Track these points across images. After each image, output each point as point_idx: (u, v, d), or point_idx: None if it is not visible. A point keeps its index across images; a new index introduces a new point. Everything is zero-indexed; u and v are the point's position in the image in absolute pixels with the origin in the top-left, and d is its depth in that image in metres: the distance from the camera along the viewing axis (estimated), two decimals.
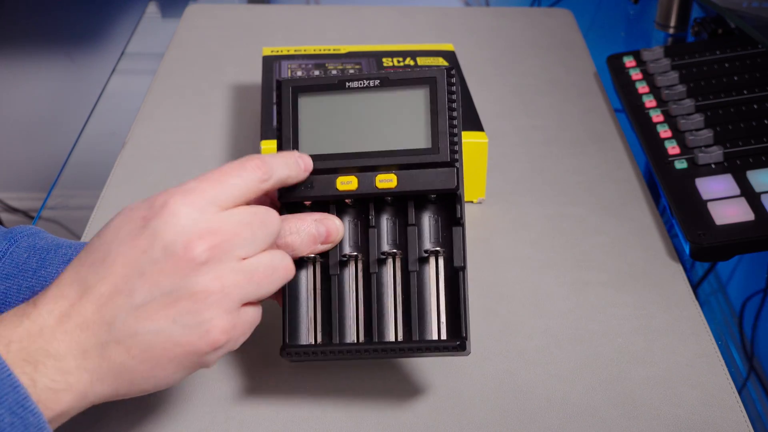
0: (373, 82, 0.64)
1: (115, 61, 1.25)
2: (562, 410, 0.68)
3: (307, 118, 0.65)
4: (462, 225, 0.64)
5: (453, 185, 0.63)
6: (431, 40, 1.20)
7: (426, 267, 0.64)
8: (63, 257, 0.69)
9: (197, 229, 0.55)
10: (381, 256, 0.64)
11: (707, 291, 0.92)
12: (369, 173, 0.63)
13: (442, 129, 0.63)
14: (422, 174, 0.63)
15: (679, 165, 0.91)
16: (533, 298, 0.79)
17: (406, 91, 0.64)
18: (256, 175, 0.58)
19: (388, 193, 0.63)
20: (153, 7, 1.44)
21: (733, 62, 1.04)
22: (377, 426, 0.66)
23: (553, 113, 1.06)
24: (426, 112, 0.63)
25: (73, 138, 1.08)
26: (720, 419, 0.67)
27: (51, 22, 1.97)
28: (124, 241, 0.55)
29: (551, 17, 1.30)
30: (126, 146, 0.99)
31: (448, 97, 0.63)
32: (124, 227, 0.56)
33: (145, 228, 0.55)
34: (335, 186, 0.63)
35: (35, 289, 0.67)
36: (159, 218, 0.55)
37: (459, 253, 0.63)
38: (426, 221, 0.65)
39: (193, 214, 0.55)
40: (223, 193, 0.57)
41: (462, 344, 0.61)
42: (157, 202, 0.56)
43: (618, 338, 0.74)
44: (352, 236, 0.65)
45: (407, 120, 0.63)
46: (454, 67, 0.64)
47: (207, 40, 1.23)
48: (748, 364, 0.84)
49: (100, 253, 0.55)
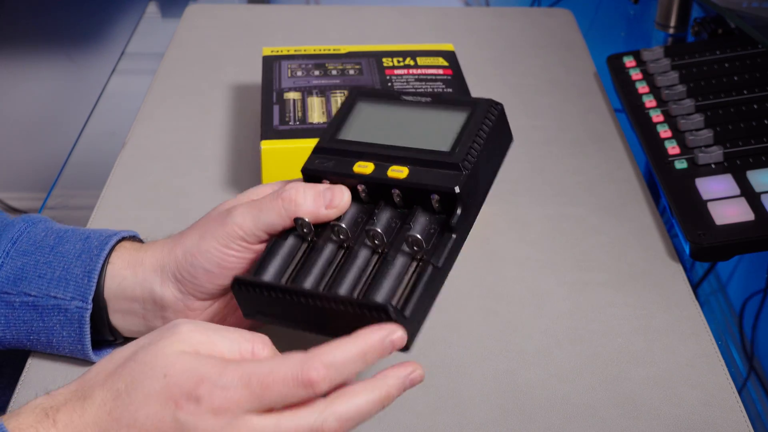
0: (426, 99, 0.69)
1: (115, 61, 1.25)
2: (562, 410, 0.68)
3: (357, 115, 0.69)
4: (455, 232, 0.62)
5: (453, 185, 0.62)
6: (431, 40, 1.20)
7: (406, 256, 0.62)
8: (80, 236, 0.70)
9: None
10: (367, 243, 0.64)
11: (707, 291, 0.92)
12: (386, 163, 0.65)
13: (465, 140, 0.64)
14: (432, 173, 0.64)
15: (679, 165, 0.91)
16: (533, 298, 0.79)
17: (450, 110, 0.67)
18: (306, 393, 0.55)
19: (396, 184, 0.64)
20: (153, 7, 1.44)
21: (733, 62, 1.04)
22: (377, 426, 0.66)
23: (553, 113, 1.06)
24: (459, 127, 0.66)
25: (73, 138, 1.08)
26: (720, 419, 0.67)
27: (51, 22, 1.97)
28: (150, 419, 0.55)
29: (551, 17, 1.30)
30: (126, 146, 0.99)
31: (482, 120, 0.65)
32: (156, 404, 0.55)
33: (175, 419, 0.55)
34: (352, 168, 0.66)
35: (52, 264, 0.68)
36: (190, 416, 0.55)
37: (440, 254, 0.62)
38: (423, 226, 0.64)
39: (224, 426, 0.55)
40: (261, 405, 0.55)
41: (385, 309, 0.58)
42: (197, 395, 0.55)
43: (618, 338, 0.74)
44: (352, 223, 0.65)
45: (440, 130, 0.66)
46: (501, 104, 0.67)
47: (207, 40, 1.23)
48: (748, 364, 0.84)
49: (127, 414, 0.55)
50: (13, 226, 0.71)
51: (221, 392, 0.54)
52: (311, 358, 0.55)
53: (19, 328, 0.69)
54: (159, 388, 0.55)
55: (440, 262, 0.62)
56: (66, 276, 0.68)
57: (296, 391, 0.55)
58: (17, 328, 0.69)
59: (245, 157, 0.97)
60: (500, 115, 0.67)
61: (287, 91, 0.93)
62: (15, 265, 0.68)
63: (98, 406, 0.56)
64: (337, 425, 0.56)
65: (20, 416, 0.56)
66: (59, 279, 0.68)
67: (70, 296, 0.67)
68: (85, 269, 0.68)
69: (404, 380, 0.58)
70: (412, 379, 0.58)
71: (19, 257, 0.69)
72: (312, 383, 0.55)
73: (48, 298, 0.68)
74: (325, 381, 0.55)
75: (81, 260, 0.68)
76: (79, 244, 0.69)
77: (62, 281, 0.68)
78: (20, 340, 0.69)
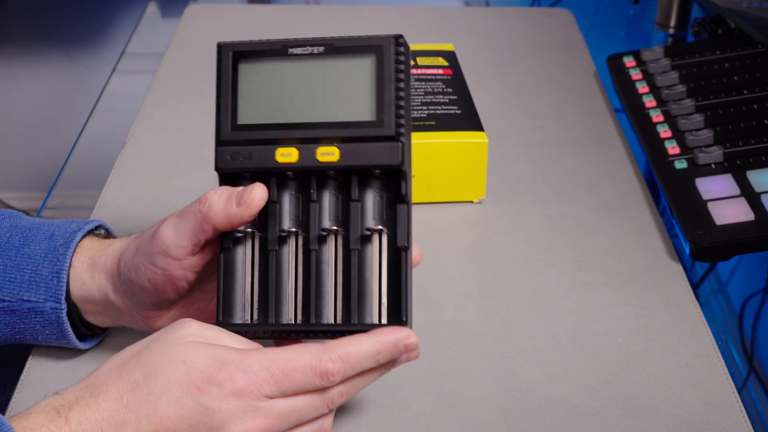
0: (317, 49, 0.61)
1: (115, 61, 1.25)
2: (562, 410, 0.68)
3: (247, 85, 0.62)
4: (407, 203, 0.61)
5: (397, 161, 0.60)
6: (431, 40, 1.20)
7: (368, 246, 0.61)
8: (45, 233, 0.69)
9: (245, 420, 0.56)
10: (322, 233, 0.62)
11: (707, 291, 0.92)
12: (310, 145, 0.60)
13: (387, 101, 0.59)
14: (365, 148, 0.60)
15: (679, 165, 0.91)
16: (533, 298, 0.79)
17: (351, 59, 0.60)
18: (322, 383, 0.57)
19: (330, 167, 0.61)
20: (153, 7, 1.44)
21: (733, 62, 1.04)
22: (377, 425, 0.66)
23: (553, 113, 1.06)
24: (371, 82, 0.60)
25: (73, 138, 1.08)
26: (720, 419, 0.67)
27: (51, 22, 1.97)
28: (173, 407, 0.55)
29: (551, 17, 1.30)
30: (126, 146, 0.99)
31: (395, 66, 0.60)
32: (178, 390, 0.56)
33: (199, 404, 0.55)
34: (274, 157, 0.61)
35: (20, 267, 0.67)
36: (214, 400, 0.56)
37: (403, 232, 0.60)
38: (370, 198, 0.62)
39: (245, 408, 0.56)
40: (281, 391, 0.57)
41: (405, 329, 0.59)
42: (220, 379, 0.56)
43: (618, 338, 0.74)
44: (293, 211, 0.62)
45: (352, 90, 0.60)
46: (402, 35, 0.60)
47: (207, 40, 1.22)
48: (748, 364, 0.84)
49: (147, 405, 0.56)
50: None
51: (243, 375, 0.56)
52: (328, 350, 0.57)
53: (3, 330, 0.69)
54: (180, 374, 0.56)
55: (406, 241, 0.61)
56: (36, 278, 0.67)
57: (313, 381, 0.57)
58: (1, 330, 0.69)
59: None
60: (406, 51, 0.61)
61: None
62: None
63: (114, 399, 0.56)
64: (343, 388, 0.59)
65: (30, 416, 0.55)
66: (29, 282, 0.67)
67: (42, 298, 0.67)
68: (52, 270, 0.67)
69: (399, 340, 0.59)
70: (407, 345, 0.59)
71: None
72: (328, 374, 0.57)
73: (22, 302, 0.67)
74: (340, 373, 0.57)
75: (48, 260, 0.67)
76: (45, 243, 0.68)
77: (32, 284, 0.67)
78: (8, 339, 0.70)
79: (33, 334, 0.69)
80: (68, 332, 0.68)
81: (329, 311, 0.61)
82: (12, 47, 1.99)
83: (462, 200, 0.90)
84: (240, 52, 0.62)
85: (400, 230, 0.61)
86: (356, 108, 0.60)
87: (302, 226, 0.62)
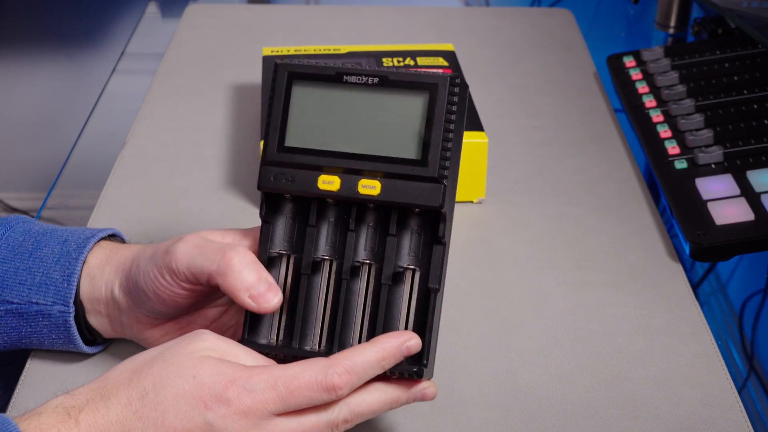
0: (372, 79, 0.61)
1: (115, 61, 1.25)
2: (562, 410, 0.68)
3: (298, 108, 0.62)
4: (443, 245, 0.61)
5: (437, 203, 0.60)
6: (431, 40, 1.20)
7: (400, 283, 0.62)
8: (59, 239, 0.69)
9: None
10: (356, 264, 0.62)
11: (707, 291, 0.92)
12: (353, 176, 0.61)
13: (435, 142, 0.59)
14: (407, 186, 0.60)
15: (679, 165, 0.91)
16: (533, 298, 0.79)
17: (404, 95, 0.60)
18: (329, 396, 0.58)
19: (370, 200, 0.61)
20: (153, 7, 1.44)
21: (733, 62, 1.04)
22: (377, 425, 0.66)
23: (553, 113, 1.06)
24: (421, 120, 0.60)
25: (73, 138, 1.08)
26: (720, 419, 0.67)
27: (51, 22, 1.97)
28: (180, 420, 0.56)
29: (551, 17, 1.30)
30: (126, 146, 0.99)
31: (447, 107, 0.60)
32: (186, 405, 0.56)
33: (206, 421, 0.56)
34: (317, 184, 0.61)
35: (32, 270, 0.68)
36: (220, 418, 0.56)
37: (436, 273, 0.61)
38: (408, 234, 0.62)
39: (251, 427, 0.56)
40: (286, 408, 0.57)
41: (419, 371, 0.59)
42: (227, 397, 0.56)
43: (618, 338, 0.74)
44: (330, 237, 0.63)
45: (400, 126, 0.60)
46: (459, 76, 0.60)
47: (207, 40, 1.23)
48: (748, 364, 0.84)
49: (155, 415, 0.56)
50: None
51: (249, 395, 0.56)
52: (334, 364, 0.57)
53: (9, 334, 0.69)
54: (189, 388, 0.56)
55: (439, 283, 0.61)
56: (46, 281, 0.67)
57: (320, 396, 0.57)
58: (7, 334, 0.69)
59: (245, 157, 0.97)
60: (462, 92, 0.60)
61: None
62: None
63: (123, 405, 0.56)
64: (350, 416, 0.59)
65: (41, 416, 0.56)
66: (39, 285, 0.67)
67: (51, 301, 0.67)
68: (64, 273, 0.67)
69: (416, 393, 0.61)
70: (424, 394, 0.61)
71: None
72: (335, 388, 0.57)
73: (30, 304, 0.67)
74: (348, 386, 0.57)
75: (60, 264, 0.68)
76: (58, 247, 0.68)
77: (42, 287, 0.67)
78: (13, 344, 0.70)
79: (39, 338, 0.69)
80: (74, 336, 0.68)
81: (353, 342, 0.62)
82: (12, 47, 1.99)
83: (462, 200, 0.90)
84: (295, 74, 0.62)
85: (433, 271, 0.61)
86: (403, 144, 0.60)
87: (337, 253, 0.63)
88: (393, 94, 0.61)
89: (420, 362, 0.60)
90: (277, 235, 0.63)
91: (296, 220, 0.63)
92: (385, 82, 0.61)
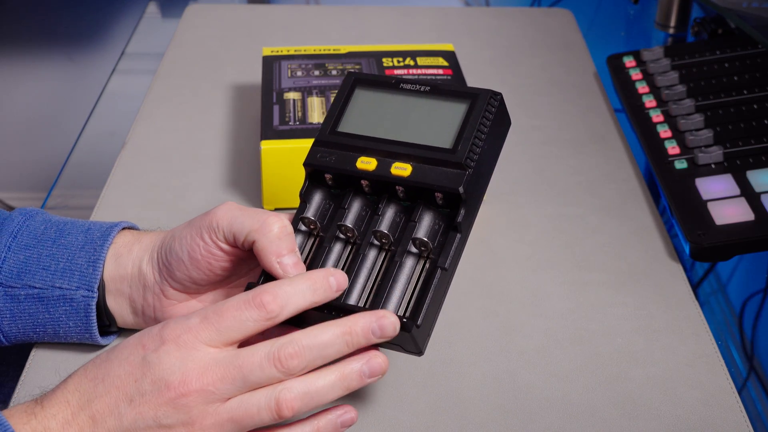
0: (425, 87, 0.68)
1: (115, 61, 1.25)
2: (562, 410, 0.68)
3: (356, 104, 0.69)
4: (460, 231, 0.64)
5: (458, 186, 0.63)
6: (431, 40, 1.20)
7: (412, 262, 0.64)
8: (81, 228, 0.71)
9: (184, 370, 0.57)
10: (374, 242, 0.65)
11: (707, 291, 0.92)
12: (388, 159, 0.66)
13: (467, 136, 0.65)
14: (434, 171, 0.65)
15: (679, 165, 0.91)
16: (533, 298, 0.79)
17: (449, 101, 0.67)
18: (260, 315, 0.59)
19: (399, 181, 0.65)
20: (153, 7, 1.44)
21: (733, 62, 1.04)
22: (377, 425, 0.66)
23: (553, 113, 1.06)
24: (459, 121, 0.66)
25: (73, 138, 1.08)
26: (720, 419, 0.67)
27: (51, 22, 1.97)
28: (123, 366, 0.59)
29: (551, 17, 1.30)
30: (126, 146, 0.99)
31: (483, 114, 0.66)
32: (128, 351, 0.59)
33: (143, 359, 0.58)
34: (355, 164, 0.66)
35: (56, 256, 0.69)
36: (155, 353, 0.58)
37: (447, 255, 0.63)
38: (427, 222, 0.65)
39: (184, 356, 0.58)
40: (219, 336, 0.59)
41: (408, 325, 0.60)
42: (162, 334, 0.59)
43: (618, 338, 0.75)
44: (357, 219, 0.66)
45: (440, 123, 0.66)
46: (500, 93, 0.67)
47: (207, 40, 1.23)
48: (748, 364, 0.84)
49: (102, 371, 0.59)
50: (11, 219, 0.71)
51: (181, 326, 0.59)
52: (263, 287, 0.60)
53: (24, 321, 0.69)
54: (133, 339, 0.60)
55: (447, 263, 0.63)
56: (71, 267, 0.69)
57: (249, 313, 0.58)
58: (23, 321, 0.69)
59: (245, 157, 0.97)
60: (500, 105, 0.67)
61: (287, 91, 0.94)
62: (18, 259, 0.69)
63: (79, 374, 0.60)
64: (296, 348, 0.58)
65: (11, 410, 0.59)
66: (63, 270, 0.69)
67: (75, 286, 0.68)
68: (89, 259, 0.69)
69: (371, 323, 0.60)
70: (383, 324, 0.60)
71: (21, 250, 0.69)
72: (264, 304, 0.58)
73: (53, 289, 0.69)
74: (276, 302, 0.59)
75: (85, 251, 0.69)
76: (81, 236, 0.70)
77: (67, 272, 0.69)
78: (26, 333, 0.70)
79: (54, 326, 0.70)
80: (92, 324, 0.70)
81: (356, 296, 0.64)
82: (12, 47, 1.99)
83: None
84: (360, 80, 0.70)
85: (445, 252, 0.64)
86: (438, 136, 0.66)
87: (361, 235, 0.66)
88: (439, 100, 0.68)
89: (414, 321, 0.61)
90: (310, 212, 0.68)
91: (330, 202, 0.68)
92: (435, 90, 0.68)
